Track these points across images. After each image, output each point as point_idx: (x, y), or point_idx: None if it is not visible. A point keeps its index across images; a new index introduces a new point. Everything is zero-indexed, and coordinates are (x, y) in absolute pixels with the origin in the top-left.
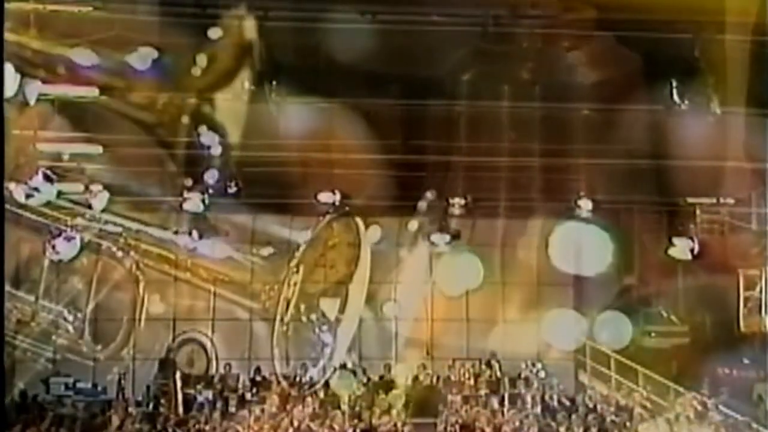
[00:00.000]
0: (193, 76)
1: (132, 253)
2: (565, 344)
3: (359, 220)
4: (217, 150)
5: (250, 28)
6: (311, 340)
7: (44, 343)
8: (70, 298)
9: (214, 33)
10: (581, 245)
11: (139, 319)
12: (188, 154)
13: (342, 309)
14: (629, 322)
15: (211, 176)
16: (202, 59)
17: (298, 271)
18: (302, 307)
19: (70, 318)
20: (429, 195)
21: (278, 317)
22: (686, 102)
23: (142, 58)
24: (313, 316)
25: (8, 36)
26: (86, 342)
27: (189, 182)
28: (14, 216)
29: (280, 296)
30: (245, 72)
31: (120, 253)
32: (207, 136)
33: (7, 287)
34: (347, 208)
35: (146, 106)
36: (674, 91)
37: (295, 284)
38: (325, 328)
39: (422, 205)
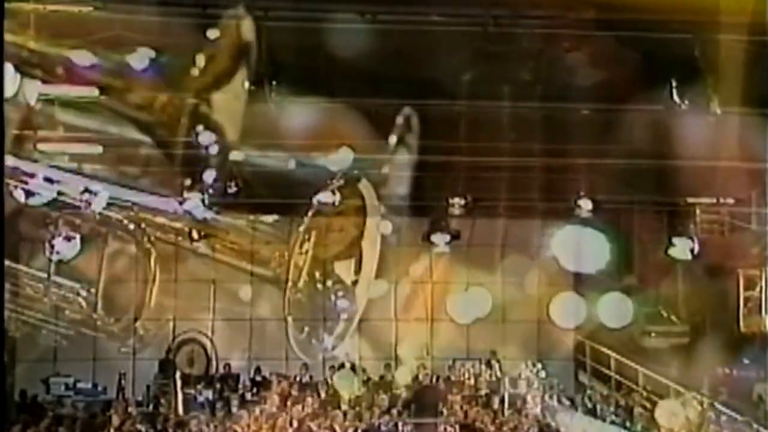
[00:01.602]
0: (190, 75)
1: (143, 225)
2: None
3: (365, 183)
4: (215, 149)
5: (248, 27)
6: (326, 307)
7: (58, 319)
8: (82, 273)
9: (213, 32)
10: (581, 247)
11: (152, 291)
12: (187, 154)
13: (357, 269)
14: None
15: (210, 176)
16: (200, 58)
17: (309, 238)
18: (317, 273)
19: (83, 293)
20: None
21: (290, 284)
22: (686, 102)
23: (139, 56)
24: (329, 282)
25: (6, 37)
26: (99, 316)
27: (188, 182)
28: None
29: (291, 262)
30: (244, 71)
31: (131, 226)
32: (205, 136)
33: (20, 266)
34: (355, 172)
35: (143, 106)
36: (674, 91)
37: (306, 252)
38: (341, 293)
39: None
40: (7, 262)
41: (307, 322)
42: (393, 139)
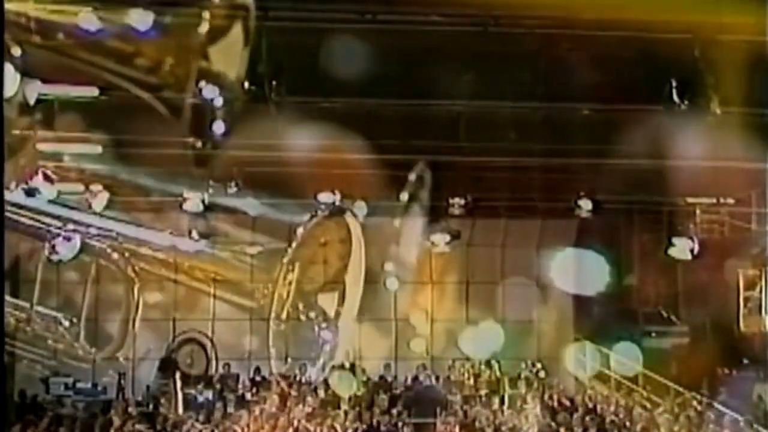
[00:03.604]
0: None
1: (127, 254)
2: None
3: (350, 215)
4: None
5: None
6: (309, 339)
7: (40, 348)
8: (66, 301)
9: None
10: (581, 251)
11: (134, 321)
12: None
13: (341, 302)
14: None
15: (218, 127)
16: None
17: (293, 270)
18: (300, 305)
19: (66, 323)
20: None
21: (273, 316)
22: (686, 102)
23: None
24: (312, 314)
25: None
26: (82, 345)
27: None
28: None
29: (275, 294)
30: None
31: (115, 255)
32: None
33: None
34: (338, 204)
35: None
36: (674, 92)
37: (290, 283)
38: (324, 325)
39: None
40: None
41: (290, 354)
42: (405, 195)
